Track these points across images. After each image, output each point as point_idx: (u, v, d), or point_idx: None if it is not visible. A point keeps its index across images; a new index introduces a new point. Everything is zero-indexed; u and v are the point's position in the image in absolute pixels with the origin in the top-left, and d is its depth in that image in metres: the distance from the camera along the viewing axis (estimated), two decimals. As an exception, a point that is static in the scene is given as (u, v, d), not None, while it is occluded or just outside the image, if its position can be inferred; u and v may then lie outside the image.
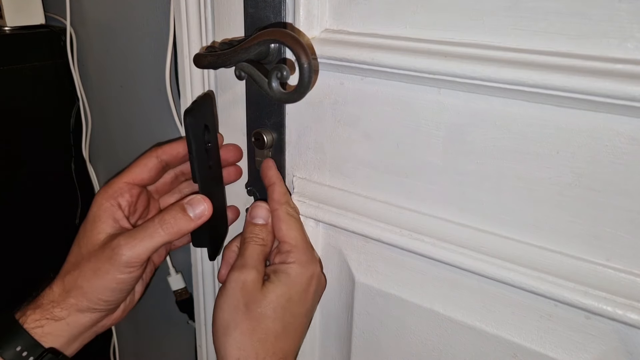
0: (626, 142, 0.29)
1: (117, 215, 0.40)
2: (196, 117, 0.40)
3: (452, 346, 0.40)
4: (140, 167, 0.42)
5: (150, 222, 0.39)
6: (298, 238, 0.41)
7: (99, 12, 0.78)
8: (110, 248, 0.38)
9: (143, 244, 0.38)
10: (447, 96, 0.34)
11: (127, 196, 0.41)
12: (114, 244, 0.38)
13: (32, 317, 0.38)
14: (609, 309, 0.31)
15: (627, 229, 0.31)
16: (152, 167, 0.43)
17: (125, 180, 0.42)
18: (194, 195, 0.40)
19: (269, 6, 0.39)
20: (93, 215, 0.40)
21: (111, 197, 0.41)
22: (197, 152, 0.40)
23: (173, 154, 0.43)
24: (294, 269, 0.39)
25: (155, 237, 0.38)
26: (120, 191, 0.41)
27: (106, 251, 0.38)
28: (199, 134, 0.40)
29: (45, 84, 0.84)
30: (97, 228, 0.40)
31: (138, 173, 0.42)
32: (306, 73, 0.33)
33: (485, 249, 0.35)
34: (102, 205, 0.40)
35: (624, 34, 0.28)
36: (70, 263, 0.40)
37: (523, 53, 0.30)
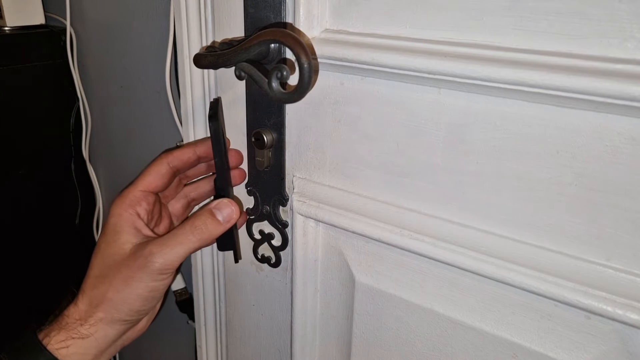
0: (626, 142, 0.29)
1: (137, 224, 0.41)
2: (220, 122, 0.42)
3: (452, 346, 0.40)
4: (154, 174, 0.42)
5: (181, 228, 0.39)
6: None
7: (99, 12, 0.78)
8: (143, 256, 0.38)
9: (176, 250, 0.38)
10: (447, 96, 0.34)
11: (144, 204, 0.41)
12: (146, 252, 0.38)
13: (56, 338, 0.38)
14: (609, 309, 0.31)
15: (627, 229, 0.31)
16: (165, 173, 0.43)
17: (140, 188, 0.42)
18: (220, 200, 0.41)
19: (269, 6, 0.39)
20: (113, 226, 0.40)
21: (129, 206, 0.41)
22: (225, 156, 0.42)
23: (183, 159, 0.44)
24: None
25: (187, 243, 0.39)
26: (138, 200, 0.41)
27: (138, 260, 0.38)
28: (223, 139, 0.42)
29: (45, 84, 0.84)
30: (122, 239, 0.40)
31: (152, 181, 0.42)
32: (306, 73, 0.33)
33: (485, 248, 0.35)
34: (122, 215, 0.40)
35: (624, 34, 0.28)
36: (94, 277, 0.40)
37: (523, 53, 0.30)
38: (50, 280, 0.95)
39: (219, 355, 0.60)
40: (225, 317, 0.57)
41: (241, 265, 0.53)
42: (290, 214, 0.46)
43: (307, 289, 0.48)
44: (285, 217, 0.47)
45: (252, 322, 0.55)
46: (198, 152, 0.44)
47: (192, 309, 0.61)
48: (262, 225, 0.49)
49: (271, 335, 0.53)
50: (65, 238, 0.95)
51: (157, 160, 0.43)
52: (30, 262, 0.91)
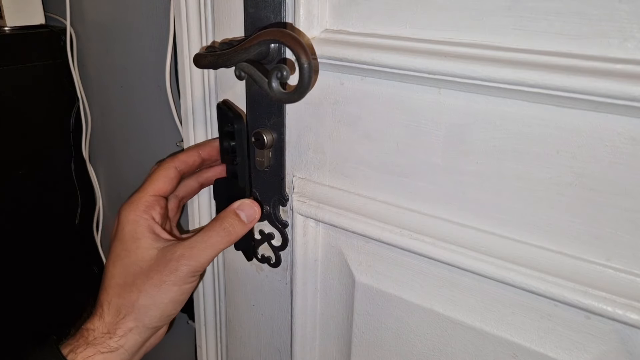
0: (626, 142, 0.29)
1: (156, 229, 0.41)
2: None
3: (452, 346, 0.40)
4: (163, 179, 0.42)
5: (210, 230, 0.40)
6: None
7: (99, 12, 0.78)
8: (174, 260, 0.38)
9: (207, 253, 0.39)
10: (447, 96, 0.34)
11: (158, 209, 0.41)
12: (177, 256, 0.38)
13: (83, 354, 0.37)
14: (609, 309, 0.31)
15: (627, 229, 0.31)
16: (174, 178, 0.43)
17: (151, 193, 0.42)
18: (242, 201, 0.42)
19: (269, 6, 0.39)
20: (132, 233, 0.40)
21: (144, 212, 0.41)
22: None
23: (189, 163, 0.44)
24: None
25: (217, 245, 0.39)
26: (152, 205, 0.41)
27: (169, 264, 0.38)
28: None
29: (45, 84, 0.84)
30: (144, 244, 0.39)
31: (162, 186, 0.42)
32: (306, 73, 0.33)
33: (485, 249, 0.35)
34: (139, 221, 0.40)
35: (624, 33, 0.28)
36: (118, 286, 0.39)
37: (523, 53, 0.30)
38: (50, 281, 0.95)
39: (219, 355, 0.60)
40: (225, 317, 0.57)
41: (241, 265, 0.53)
42: (290, 214, 0.46)
43: (307, 289, 0.48)
44: (285, 217, 0.47)
45: (252, 322, 0.55)
46: (203, 155, 0.45)
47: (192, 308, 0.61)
48: (262, 225, 0.49)
49: (271, 335, 0.53)
50: (65, 238, 0.95)
51: (165, 165, 0.43)
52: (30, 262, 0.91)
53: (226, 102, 0.46)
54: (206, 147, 0.45)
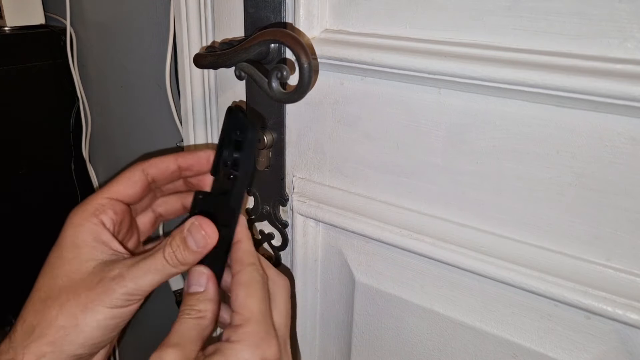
0: (626, 142, 0.29)
1: (104, 236, 0.34)
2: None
3: (452, 346, 0.40)
4: (124, 181, 0.36)
5: (157, 252, 0.33)
6: (255, 310, 0.32)
7: (99, 12, 0.78)
8: (109, 278, 0.31)
9: (148, 277, 0.32)
10: (447, 96, 0.34)
11: (110, 213, 0.35)
12: (114, 274, 0.32)
13: None
14: (609, 309, 0.31)
15: (627, 229, 0.31)
16: (138, 181, 0.36)
17: (106, 195, 0.35)
18: (191, 221, 0.33)
19: (269, 6, 0.39)
20: (73, 238, 0.33)
21: (92, 215, 0.34)
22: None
23: (161, 169, 0.37)
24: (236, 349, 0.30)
25: (163, 270, 0.32)
26: (103, 208, 0.34)
27: (103, 281, 0.31)
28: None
29: (45, 84, 0.84)
30: (83, 255, 0.33)
31: (121, 189, 0.36)
32: (306, 73, 0.33)
33: (485, 249, 0.35)
34: (83, 225, 0.33)
35: (624, 33, 0.28)
36: (39, 301, 0.32)
37: (523, 53, 0.30)
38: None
39: (219, 355, 0.60)
40: (225, 317, 0.57)
41: (241, 265, 0.53)
42: (290, 214, 0.46)
43: (307, 289, 0.48)
44: (285, 217, 0.47)
45: (252, 322, 0.55)
46: (180, 164, 0.38)
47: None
48: (262, 225, 0.49)
49: (271, 335, 0.53)
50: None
51: (132, 167, 0.37)
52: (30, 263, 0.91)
53: (240, 107, 0.40)
54: (186, 157, 0.38)
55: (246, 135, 0.35)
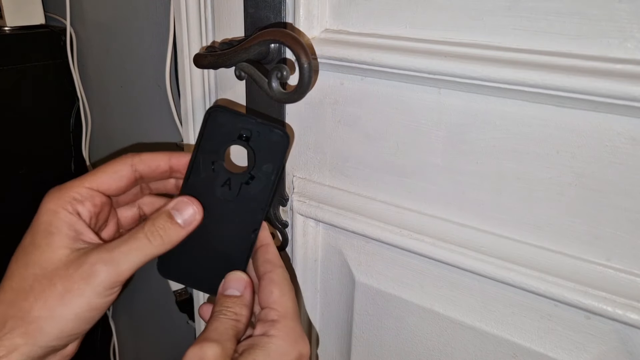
0: (626, 142, 0.29)
1: (78, 226, 0.32)
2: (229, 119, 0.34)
3: (452, 346, 0.40)
4: (110, 174, 0.34)
5: (137, 232, 0.32)
6: (290, 307, 0.33)
7: (99, 12, 0.78)
8: (88, 264, 0.30)
9: (129, 258, 0.31)
10: (447, 96, 0.34)
11: (88, 205, 0.33)
12: (91, 260, 0.30)
13: None
14: (609, 309, 0.31)
15: (627, 229, 0.31)
16: (124, 176, 0.34)
17: (87, 185, 0.33)
18: (179, 199, 0.34)
19: (269, 6, 0.39)
20: (46, 225, 0.31)
21: (68, 203, 0.32)
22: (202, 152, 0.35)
23: (152, 167, 0.35)
24: (276, 344, 0.31)
25: (143, 249, 0.31)
26: (82, 199, 0.33)
27: (81, 268, 0.30)
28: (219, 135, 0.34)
29: (45, 84, 0.84)
30: (56, 242, 0.31)
31: (105, 180, 0.34)
32: (306, 73, 0.33)
33: (485, 249, 0.35)
34: (58, 213, 0.32)
35: (624, 33, 0.28)
36: (11, 290, 0.30)
37: (523, 53, 0.30)
38: None
39: (219, 355, 0.60)
40: (225, 317, 0.57)
41: (241, 265, 0.53)
42: (290, 214, 0.46)
43: (307, 289, 0.48)
44: (285, 217, 0.47)
45: (252, 322, 0.55)
46: (173, 164, 0.36)
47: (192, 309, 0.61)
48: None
49: (271, 335, 0.53)
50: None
51: (120, 159, 0.35)
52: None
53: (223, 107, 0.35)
54: (182, 157, 0.36)
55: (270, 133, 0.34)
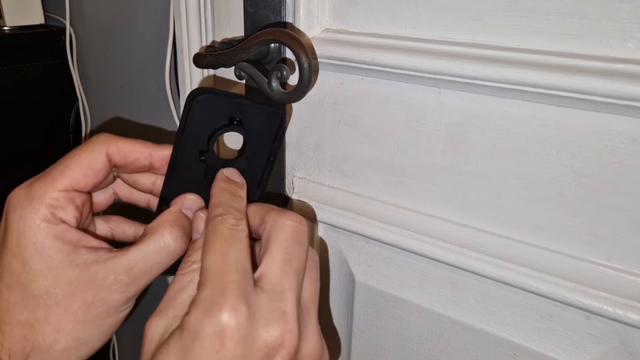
0: (626, 142, 0.29)
1: (70, 235, 0.27)
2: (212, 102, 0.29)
3: (452, 346, 0.40)
4: (84, 168, 0.28)
5: (155, 240, 0.28)
6: (212, 268, 0.25)
7: (98, 12, 0.78)
8: (107, 286, 0.26)
9: (152, 271, 0.28)
10: (448, 96, 0.34)
11: (71, 209, 0.28)
12: (110, 281, 0.26)
13: None
14: (609, 309, 0.31)
15: (628, 229, 0.31)
16: (101, 169, 0.29)
17: (61, 187, 0.28)
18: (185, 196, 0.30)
19: (268, 6, 0.39)
20: (31, 245, 0.26)
21: (47, 213, 0.27)
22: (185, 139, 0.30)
23: (129, 158, 0.30)
24: (189, 322, 0.24)
25: (163, 262, 0.28)
26: (59, 203, 0.27)
27: (101, 292, 0.26)
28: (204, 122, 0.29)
29: (45, 84, 0.84)
30: (56, 262, 0.26)
31: (81, 178, 0.28)
32: (306, 73, 0.33)
33: (485, 249, 0.35)
34: (41, 229, 0.26)
35: (624, 33, 0.28)
36: (20, 324, 0.26)
37: (523, 53, 0.30)
38: None
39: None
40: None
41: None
42: (290, 214, 0.46)
43: (307, 289, 0.47)
44: (285, 217, 0.47)
45: (252, 322, 0.54)
46: (155, 161, 0.30)
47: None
48: (262, 225, 0.49)
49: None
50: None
51: (93, 145, 0.29)
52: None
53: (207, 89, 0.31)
54: (164, 150, 0.30)
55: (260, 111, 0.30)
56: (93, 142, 0.29)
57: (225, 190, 0.29)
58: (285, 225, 0.27)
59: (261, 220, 0.28)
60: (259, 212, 0.28)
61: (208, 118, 0.30)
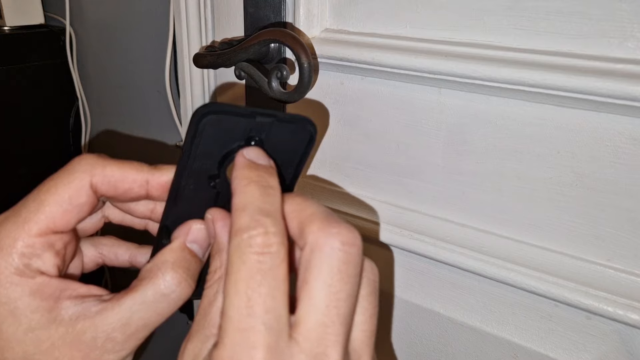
0: (627, 141, 0.29)
1: (50, 288, 0.23)
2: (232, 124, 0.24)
3: (452, 346, 0.40)
4: (64, 203, 0.23)
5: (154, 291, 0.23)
6: (234, 319, 0.20)
7: (98, 12, 0.78)
8: (99, 348, 0.22)
9: (149, 326, 0.24)
10: (448, 96, 0.34)
11: (48, 257, 0.23)
12: (102, 341, 0.22)
13: None
14: (610, 309, 0.31)
15: (628, 229, 0.30)
16: (85, 204, 0.24)
17: (37, 232, 0.23)
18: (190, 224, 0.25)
19: (268, 6, 0.39)
20: (6, 306, 0.22)
21: (20, 264, 0.22)
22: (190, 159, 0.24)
23: (120, 189, 0.24)
24: None
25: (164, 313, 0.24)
26: (34, 250, 0.23)
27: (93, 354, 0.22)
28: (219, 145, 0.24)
29: (45, 84, 0.84)
30: (34, 324, 0.22)
31: (60, 216, 0.23)
32: (306, 73, 0.33)
33: (485, 249, 0.35)
34: (16, 285, 0.22)
35: (624, 33, 0.28)
36: None
37: (523, 53, 0.30)
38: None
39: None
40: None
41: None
42: (290, 214, 0.46)
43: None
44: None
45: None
46: (152, 190, 0.25)
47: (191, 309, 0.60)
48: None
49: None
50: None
51: (73, 177, 0.24)
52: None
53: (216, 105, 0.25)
54: (164, 173, 0.25)
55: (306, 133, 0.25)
56: (73, 169, 0.24)
57: (252, 182, 0.22)
58: (332, 252, 0.21)
59: (301, 231, 0.22)
60: (297, 218, 0.22)
61: (220, 140, 0.24)
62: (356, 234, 0.21)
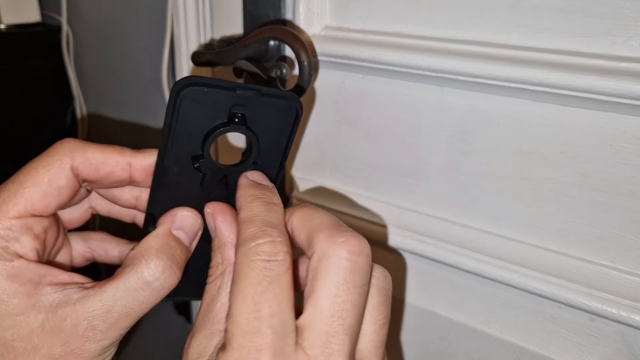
0: (631, 141, 0.29)
1: (29, 273, 0.22)
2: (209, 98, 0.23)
3: (454, 349, 0.40)
4: (44, 186, 0.23)
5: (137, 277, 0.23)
6: (241, 324, 0.20)
7: (95, 10, 0.78)
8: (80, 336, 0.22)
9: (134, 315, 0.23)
10: (450, 95, 0.34)
11: (27, 240, 0.23)
12: (83, 328, 0.22)
13: None
14: (614, 310, 0.31)
15: (632, 230, 0.30)
16: (66, 187, 0.24)
17: (15, 214, 0.22)
18: (177, 211, 0.25)
19: (268, 3, 0.39)
20: None
21: (2, 250, 0.22)
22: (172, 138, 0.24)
23: (102, 172, 0.24)
24: None
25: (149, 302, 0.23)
26: (12, 233, 0.22)
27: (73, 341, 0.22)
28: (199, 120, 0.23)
29: (41, 83, 0.84)
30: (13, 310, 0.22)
31: (40, 199, 0.23)
32: (306, 71, 0.33)
33: (488, 250, 0.35)
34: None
35: (628, 31, 0.27)
36: None
37: (526, 51, 0.30)
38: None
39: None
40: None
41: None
42: (290, 214, 0.45)
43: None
44: (284, 218, 0.46)
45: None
46: (135, 174, 0.25)
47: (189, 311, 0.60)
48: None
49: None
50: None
51: (53, 159, 0.24)
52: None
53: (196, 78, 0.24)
54: (147, 159, 0.25)
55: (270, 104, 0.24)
56: (54, 152, 0.24)
57: (257, 198, 0.23)
58: (338, 261, 0.21)
59: (309, 241, 0.22)
60: (306, 228, 0.23)
61: (201, 116, 0.23)
62: (364, 243, 0.22)
